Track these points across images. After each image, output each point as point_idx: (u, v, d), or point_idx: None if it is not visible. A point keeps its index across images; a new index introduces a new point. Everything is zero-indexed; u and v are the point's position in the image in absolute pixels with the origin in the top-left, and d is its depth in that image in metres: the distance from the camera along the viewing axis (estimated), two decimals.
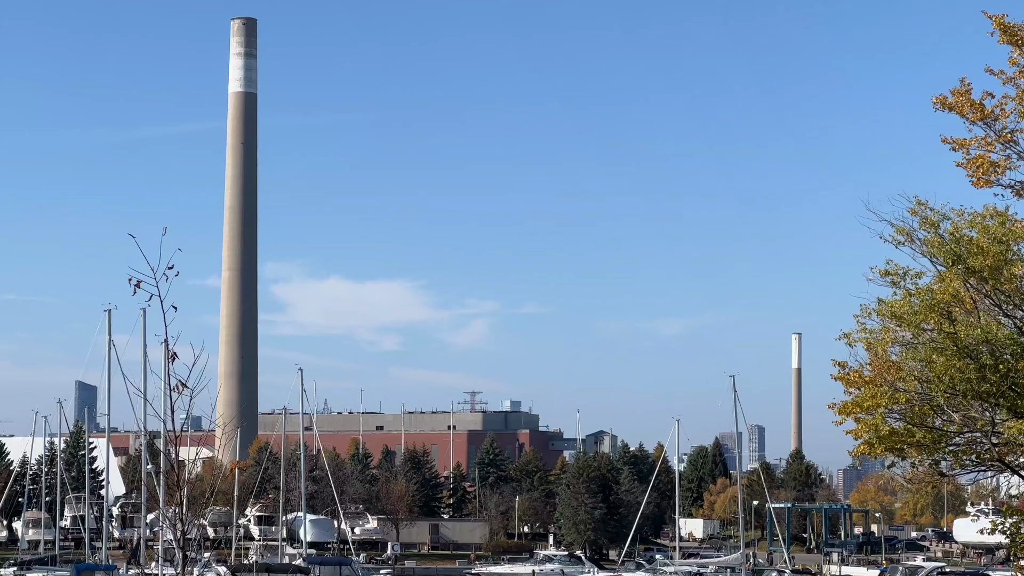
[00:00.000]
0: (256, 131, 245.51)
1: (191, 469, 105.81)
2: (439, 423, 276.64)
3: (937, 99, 30.60)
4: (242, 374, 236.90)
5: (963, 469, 34.56)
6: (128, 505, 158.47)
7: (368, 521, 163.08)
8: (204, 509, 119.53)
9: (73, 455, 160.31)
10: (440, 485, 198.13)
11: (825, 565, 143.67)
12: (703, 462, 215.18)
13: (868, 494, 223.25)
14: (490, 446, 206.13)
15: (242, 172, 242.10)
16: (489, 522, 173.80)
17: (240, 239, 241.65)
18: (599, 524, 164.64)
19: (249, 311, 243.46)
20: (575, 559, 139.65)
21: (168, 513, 19.17)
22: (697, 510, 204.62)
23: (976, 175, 30.41)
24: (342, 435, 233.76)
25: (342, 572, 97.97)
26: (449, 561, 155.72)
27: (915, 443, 32.31)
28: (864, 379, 32.38)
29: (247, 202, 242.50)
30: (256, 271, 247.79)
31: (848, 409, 32.68)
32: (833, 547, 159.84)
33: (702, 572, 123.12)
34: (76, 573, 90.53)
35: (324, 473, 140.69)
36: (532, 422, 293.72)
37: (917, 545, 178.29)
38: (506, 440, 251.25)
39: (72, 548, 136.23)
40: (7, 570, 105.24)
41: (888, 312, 31.73)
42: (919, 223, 31.21)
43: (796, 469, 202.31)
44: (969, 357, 30.15)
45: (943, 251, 30.67)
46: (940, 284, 31.22)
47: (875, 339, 32.59)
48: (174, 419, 16.75)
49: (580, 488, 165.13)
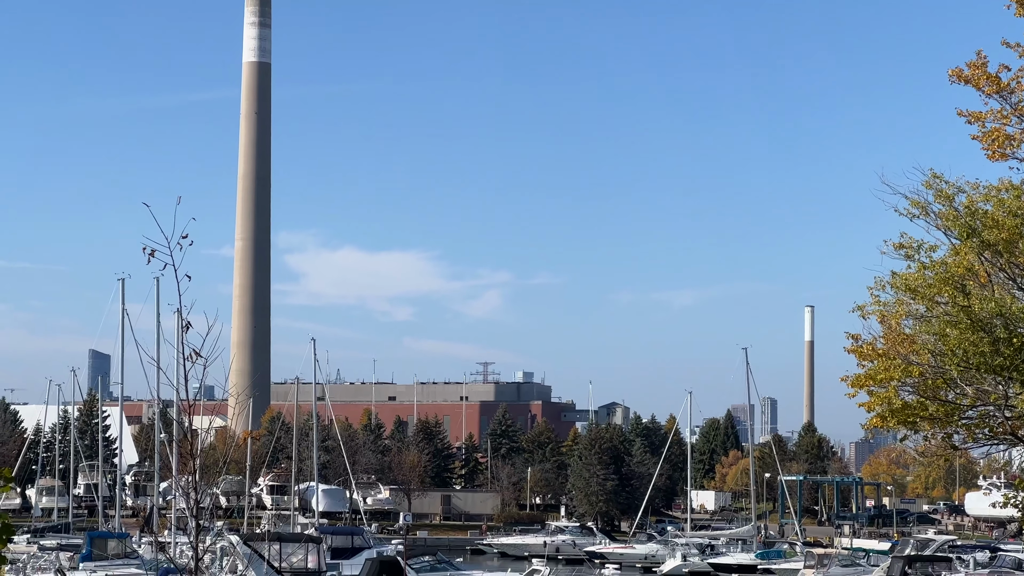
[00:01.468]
0: (270, 101, 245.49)
1: (204, 438, 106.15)
2: (451, 394, 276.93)
3: (953, 72, 30.49)
4: (255, 344, 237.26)
5: (976, 442, 34.53)
6: (141, 473, 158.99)
7: (380, 491, 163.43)
8: (217, 478, 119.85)
9: (86, 423, 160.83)
10: (452, 456, 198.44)
11: (836, 538, 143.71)
12: (715, 434, 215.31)
13: (880, 467, 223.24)
14: (502, 417, 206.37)
15: (256, 142, 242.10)
16: (501, 493, 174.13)
17: (254, 209, 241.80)
18: (611, 496, 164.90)
19: (262, 281, 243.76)
20: (587, 530, 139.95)
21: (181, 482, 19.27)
22: (709, 482, 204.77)
23: (991, 148, 30.32)
24: (354, 405, 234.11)
25: (354, 542, 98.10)
26: (461, 532, 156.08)
27: (928, 416, 32.29)
28: (877, 352, 32.35)
29: (261, 172, 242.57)
30: (269, 241, 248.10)
31: (861, 382, 32.65)
32: (844, 520, 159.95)
33: (713, 544, 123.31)
34: (89, 541, 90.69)
35: (336, 443, 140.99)
36: (544, 393, 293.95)
37: (928, 518, 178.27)
38: (518, 411, 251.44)
39: (85, 516, 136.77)
40: (21, 537, 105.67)
41: (902, 285, 31.68)
42: (934, 196, 31.13)
43: (808, 442, 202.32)
44: (983, 330, 30.09)
45: (958, 224, 30.60)
46: (954, 257, 31.16)
47: (889, 312, 32.55)
48: (187, 388, 16.76)
49: (592, 460, 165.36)
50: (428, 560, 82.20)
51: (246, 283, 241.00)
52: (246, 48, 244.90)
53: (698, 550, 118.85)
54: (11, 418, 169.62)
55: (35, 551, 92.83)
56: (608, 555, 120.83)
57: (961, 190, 31.14)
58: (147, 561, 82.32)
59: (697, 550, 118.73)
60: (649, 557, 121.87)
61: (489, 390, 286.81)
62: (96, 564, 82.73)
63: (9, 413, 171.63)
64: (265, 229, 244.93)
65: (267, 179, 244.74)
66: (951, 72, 30.48)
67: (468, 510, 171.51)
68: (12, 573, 72.93)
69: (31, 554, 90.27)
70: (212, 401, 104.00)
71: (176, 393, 15.27)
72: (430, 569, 78.31)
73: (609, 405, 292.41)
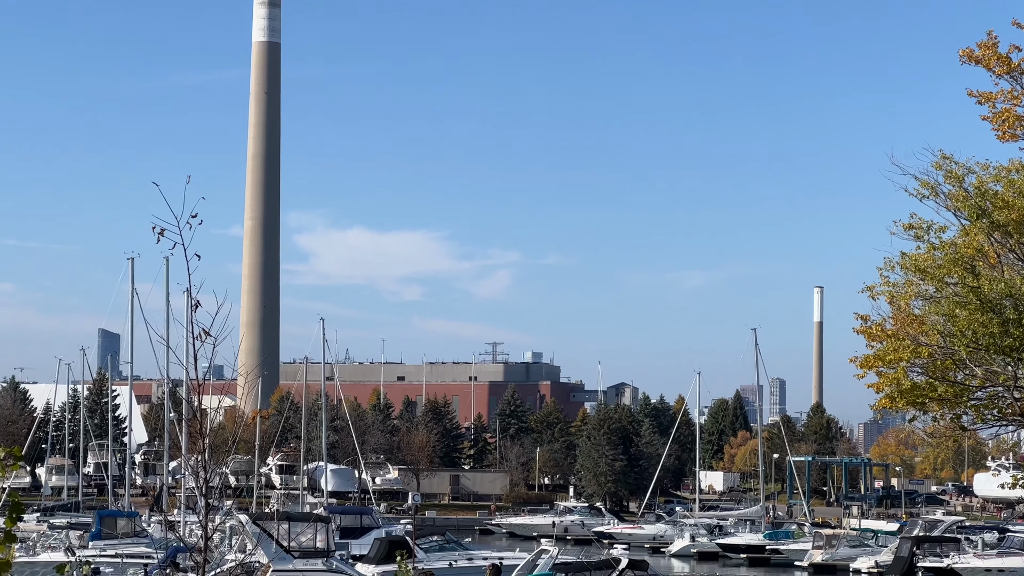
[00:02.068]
0: (280, 80, 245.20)
1: (213, 418, 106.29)
2: (460, 374, 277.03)
3: (963, 52, 30.43)
4: (264, 323, 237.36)
5: (984, 423, 34.51)
6: (151, 453, 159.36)
7: (389, 471, 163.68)
8: (226, 458, 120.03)
9: (96, 402, 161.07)
10: (461, 436, 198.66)
11: (845, 518, 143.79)
12: (724, 415, 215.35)
13: (888, 448, 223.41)
14: (511, 397, 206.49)
15: (265, 122, 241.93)
16: (509, 473, 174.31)
17: (263, 188, 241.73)
18: (619, 476, 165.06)
19: (272, 261, 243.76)
20: (595, 511, 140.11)
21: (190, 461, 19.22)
22: (717, 463, 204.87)
23: (1002, 129, 30.27)
24: (363, 385, 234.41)
25: (363, 522, 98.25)
26: (470, 512, 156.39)
27: (937, 397, 32.26)
28: (886, 333, 32.32)
29: (270, 152, 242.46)
30: (279, 220, 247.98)
31: (870, 363, 32.62)
32: (853, 501, 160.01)
33: (722, 525, 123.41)
34: (99, 519, 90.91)
35: (345, 423, 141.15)
36: (553, 373, 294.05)
37: (937, 499, 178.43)
38: (527, 391, 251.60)
39: (95, 495, 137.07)
40: (31, 515, 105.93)
41: (911, 265, 31.63)
42: (944, 177, 31.07)
43: (817, 423, 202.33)
44: (992, 311, 30.06)
45: (967, 205, 30.55)
46: (964, 238, 31.10)
47: (898, 293, 32.51)
48: (197, 367, 16.76)
49: (601, 440, 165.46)
50: (437, 540, 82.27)
51: (255, 263, 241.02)
52: (256, 28, 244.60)
53: (706, 530, 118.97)
54: (21, 397, 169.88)
55: (45, 529, 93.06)
56: (617, 535, 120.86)
57: (971, 171, 31.07)
58: (156, 540, 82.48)
59: (705, 530, 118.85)
60: (658, 537, 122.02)
61: (498, 370, 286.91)
62: (106, 542, 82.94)
63: (19, 392, 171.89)
64: (275, 209, 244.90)
65: (276, 159, 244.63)
66: (961, 52, 30.42)
67: (477, 490, 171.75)
68: (22, 551, 73.07)
69: (41, 532, 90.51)
70: (221, 381, 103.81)
71: (185, 372, 15.27)
72: (439, 549, 78.36)
73: (618, 385, 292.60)
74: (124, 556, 74.92)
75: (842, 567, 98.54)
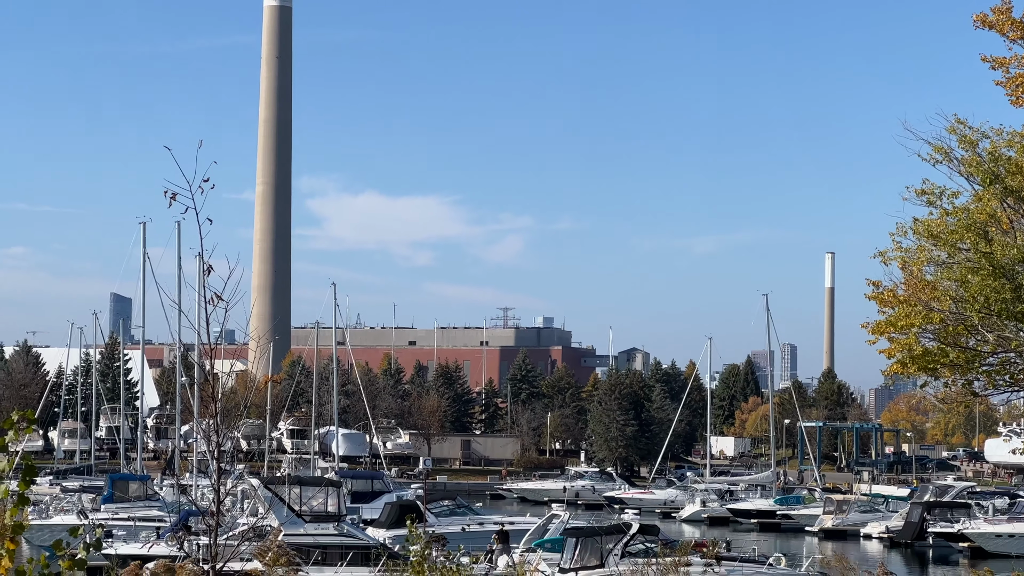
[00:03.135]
0: (291, 45, 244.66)
1: (225, 382, 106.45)
2: (471, 339, 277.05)
3: (977, 17, 30.27)
4: (276, 288, 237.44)
5: (996, 389, 34.45)
6: (162, 417, 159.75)
7: (400, 436, 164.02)
8: (238, 422, 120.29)
9: (108, 366, 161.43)
10: (472, 401, 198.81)
11: (855, 484, 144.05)
12: (735, 380, 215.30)
13: (899, 414, 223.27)
14: (522, 362, 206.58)
15: (277, 86, 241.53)
16: (521, 438, 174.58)
17: (275, 153, 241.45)
18: (631, 441, 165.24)
19: (283, 225, 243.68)
20: (606, 476, 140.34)
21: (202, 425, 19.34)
22: (728, 428, 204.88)
23: (1015, 94, 30.13)
24: (374, 350, 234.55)
25: (374, 486, 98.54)
26: (480, 477, 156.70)
27: (948, 363, 32.19)
28: (898, 298, 32.24)
29: (282, 116, 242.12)
30: (290, 185, 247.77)
31: (881, 329, 32.55)
32: (863, 466, 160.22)
33: (733, 490, 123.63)
34: (111, 483, 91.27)
35: (356, 387, 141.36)
36: (565, 338, 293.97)
37: (948, 465, 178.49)
38: (538, 356, 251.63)
39: (107, 458, 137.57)
40: (44, 479, 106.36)
41: (924, 231, 31.51)
42: (957, 142, 30.92)
43: (828, 388, 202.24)
44: (1005, 277, 29.98)
45: (981, 170, 30.41)
46: (977, 203, 30.97)
47: (910, 258, 32.41)
48: (208, 332, 16.77)
49: (612, 405, 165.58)
50: (448, 505, 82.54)
51: (267, 227, 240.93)
52: None
53: (717, 496, 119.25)
54: (33, 361, 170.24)
55: (58, 492, 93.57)
56: (628, 500, 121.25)
57: (985, 136, 30.92)
58: (168, 503, 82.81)
59: (716, 496, 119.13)
60: (668, 503, 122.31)
61: (509, 335, 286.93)
62: (118, 506, 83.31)
63: (31, 356, 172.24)
64: (286, 173, 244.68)
65: (288, 123, 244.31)
66: (975, 17, 30.27)
67: (488, 455, 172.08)
68: (35, 514, 73.43)
69: (54, 495, 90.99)
70: (233, 345, 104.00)
71: (197, 336, 15.26)
72: (449, 514, 78.63)
73: (629, 351, 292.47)
74: (136, 519, 75.30)
75: (852, 532, 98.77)
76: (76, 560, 10.69)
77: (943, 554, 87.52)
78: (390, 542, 58.59)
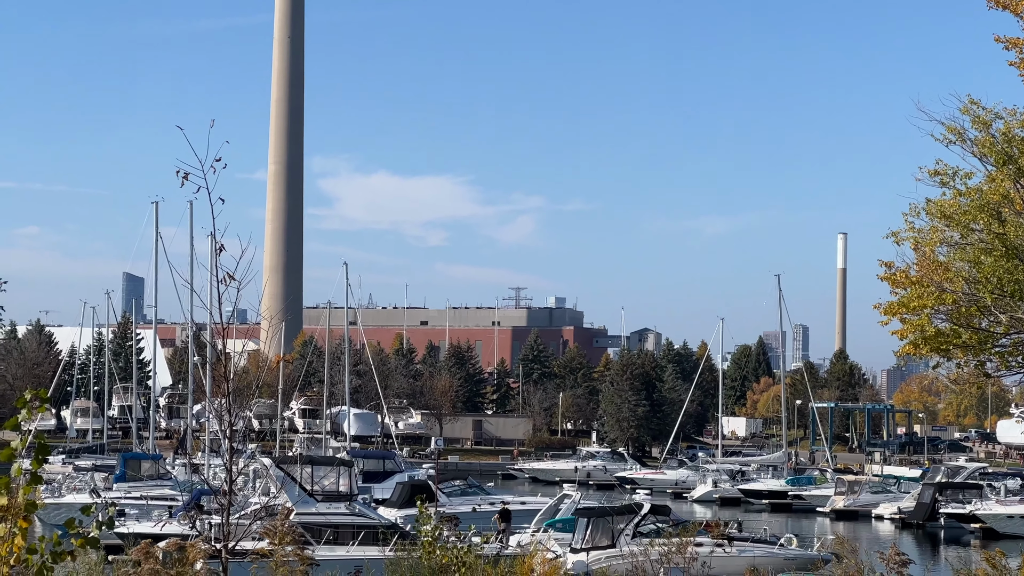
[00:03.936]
0: (303, 25, 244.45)
1: (237, 361, 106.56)
2: (483, 319, 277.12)
3: None
4: (288, 268, 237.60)
5: (1009, 370, 34.38)
6: (175, 396, 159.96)
7: (412, 416, 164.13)
8: (249, 401, 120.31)
9: (121, 346, 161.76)
10: (484, 381, 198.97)
11: (867, 465, 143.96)
12: (747, 361, 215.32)
13: (911, 395, 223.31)
14: (534, 342, 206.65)
15: (289, 66, 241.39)
16: (532, 418, 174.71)
17: (287, 133, 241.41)
18: (642, 421, 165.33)
19: (295, 205, 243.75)
20: (618, 456, 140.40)
21: (214, 404, 19.42)
22: (740, 409, 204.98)
23: None
24: (387, 330, 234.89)
25: (385, 466, 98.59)
26: (492, 457, 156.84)
27: (961, 344, 32.13)
28: (911, 279, 32.16)
29: (294, 96, 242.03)
30: (303, 165, 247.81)
31: (894, 309, 32.48)
32: (875, 447, 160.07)
33: (744, 470, 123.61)
34: (123, 462, 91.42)
35: (368, 367, 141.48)
36: (576, 319, 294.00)
37: (960, 446, 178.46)
38: (550, 336, 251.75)
39: (120, 437, 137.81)
40: (56, 457, 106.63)
41: (937, 212, 31.42)
42: (971, 122, 30.81)
43: (840, 369, 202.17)
44: (1018, 258, 29.90)
45: (994, 151, 30.29)
46: (990, 184, 30.87)
47: (923, 239, 32.33)
48: (221, 311, 16.79)
49: (624, 385, 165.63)
50: (459, 484, 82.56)
51: (279, 207, 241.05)
52: None
53: (729, 476, 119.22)
54: (46, 340, 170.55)
55: (70, 471, 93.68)
56: (639, 481, 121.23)
57: (998, 116, 30.79)
58: (181, 482, 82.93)
59: (728, 476, 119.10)
60: (680, 483, 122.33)
61: (521, 315, 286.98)
62: (130, 484, 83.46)
63: (44, 335, 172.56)
64: (298, 153, 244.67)
65: (300, 103, 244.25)
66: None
67: (499, 435, 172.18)
68: (48, 492, 73.60)
69: (66, 474, 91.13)
70: (245, 324, 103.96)
71: (209, 316, 15.29)
72: (461, 493, 78.67)
73: (641, 331, 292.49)
74: (148, 498, 75.43)
75: (864, 513, 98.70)
76: (89, 539, 10.71)
77: (955, 535, 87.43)
78: (402, 522, 58.62)
